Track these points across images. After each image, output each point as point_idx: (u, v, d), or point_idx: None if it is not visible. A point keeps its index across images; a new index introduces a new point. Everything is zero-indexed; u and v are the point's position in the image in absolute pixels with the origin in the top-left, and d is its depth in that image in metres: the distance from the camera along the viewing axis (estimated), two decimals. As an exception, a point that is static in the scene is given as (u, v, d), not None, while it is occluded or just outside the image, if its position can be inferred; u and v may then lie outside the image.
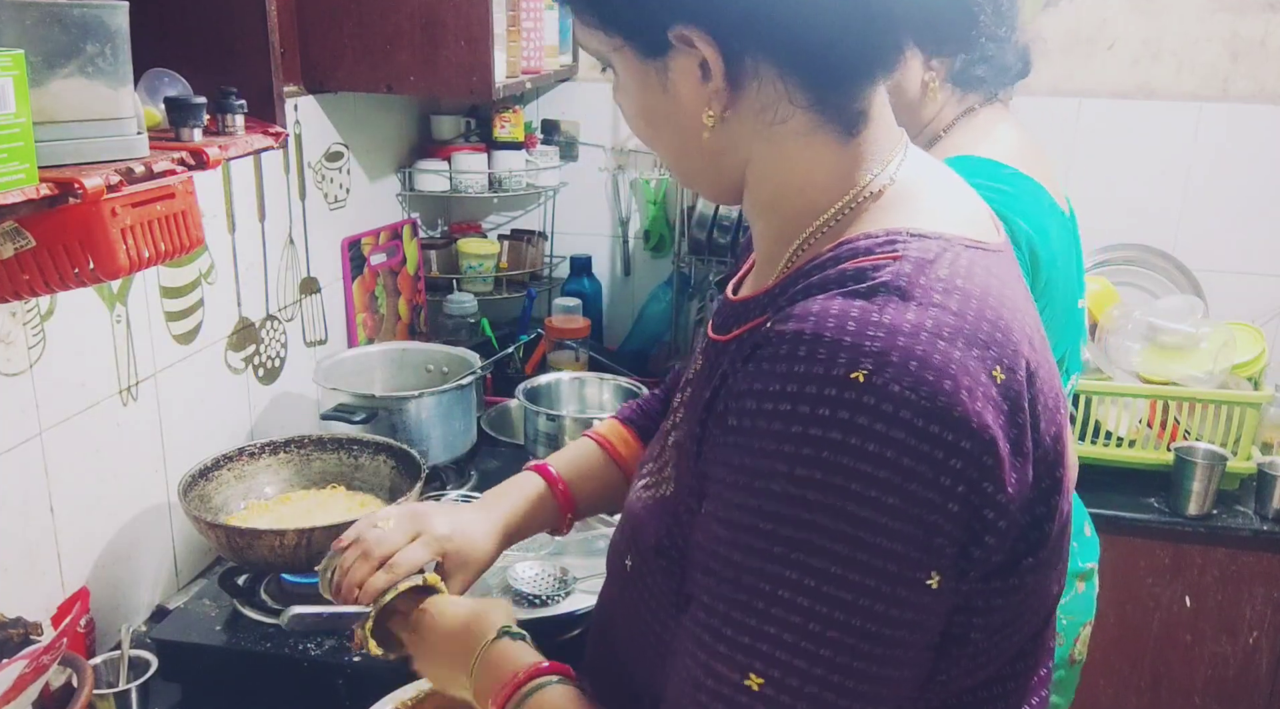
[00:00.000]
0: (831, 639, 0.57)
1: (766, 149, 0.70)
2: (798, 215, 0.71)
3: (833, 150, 0.69)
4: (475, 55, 1.77)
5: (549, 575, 1.38)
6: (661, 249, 2.51)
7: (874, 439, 0.56)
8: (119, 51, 0.92)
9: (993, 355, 0.60)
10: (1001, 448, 0.59)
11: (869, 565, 0.57)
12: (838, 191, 0.69)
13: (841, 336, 0.58)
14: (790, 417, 0.58)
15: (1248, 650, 2.01)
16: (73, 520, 1.32)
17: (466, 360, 1.86)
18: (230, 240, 1.63)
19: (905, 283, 0.61)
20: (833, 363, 0.57)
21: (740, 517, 0.59)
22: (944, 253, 0.64)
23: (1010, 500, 0.60)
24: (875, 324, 0.59)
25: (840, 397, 0.56)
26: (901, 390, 0.56)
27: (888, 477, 0.56)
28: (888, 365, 0.57)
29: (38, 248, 0.97)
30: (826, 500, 0.56)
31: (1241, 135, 2.27)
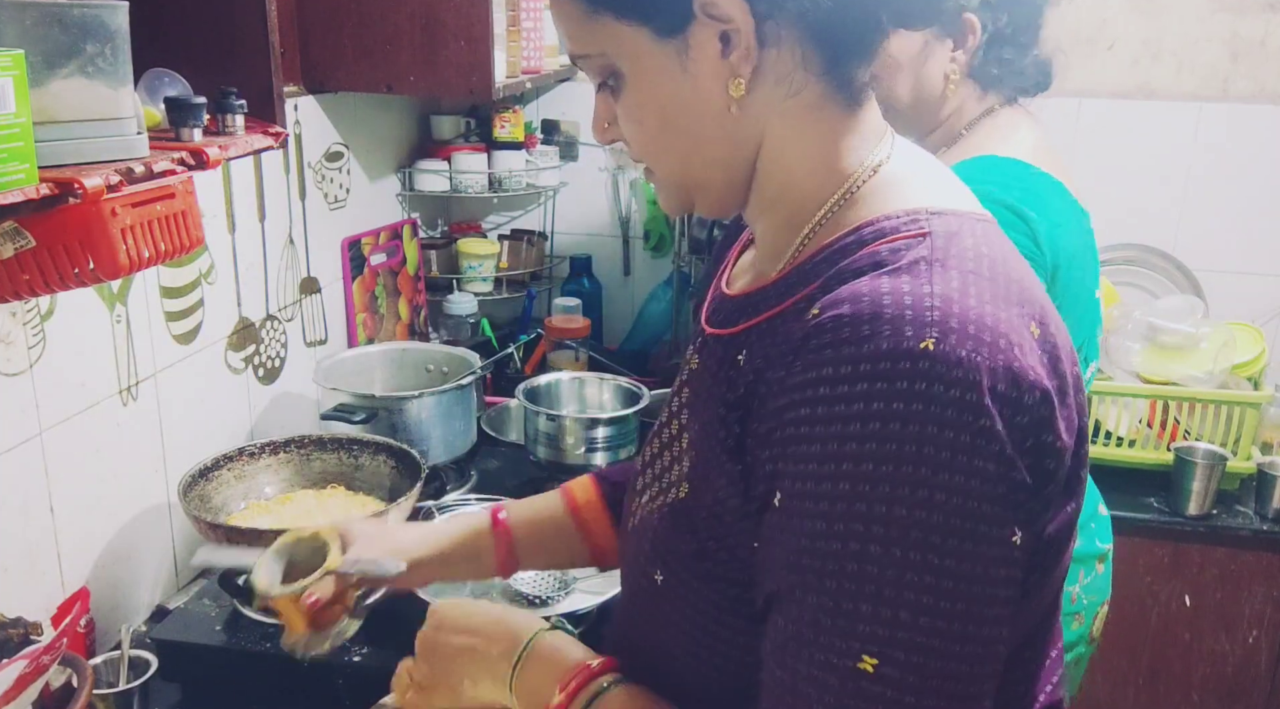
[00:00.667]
0: (935, 607, 0.58)
1: (780, 128, 0.70)
2: (805, 201, 0.71)
3: (840, 124, 0.70)
4: (475, 55, 1.77)
5: (549, 576, 1.38)
6: (661, 249, 2.51)
7: (953, 405, 0.57)
8: (119, 51, 0.92)
9: (1027, 312, 0.63)
10: (1054, 398, 0.61)
11: (964, 531, 0.58)
12: (839, 175, 0.70)
13: (902, 311, 0.59)
14: (869, 395, 0.58)
15: (1247, 649, 2.01)
16: (73, 520, 1.32)
17: (466, 360, 1.86)
18: (230, 240, 1.63)
19: (941, 255, 0.63)
20: (899, 336, 0.58)
21: (838, 505, 0.59)
22: (964, 226, 0.67)
23: (1065, 448, 0.62)
24: (929, 295, 0.60)
25: (915, 368, 0.57)
26: (969, 354, 0.58)
27: (971, 441, 0.57)
28: (950, 332, 0.58)
29: (38, 248, 0.97)
30: (921, 475, 0.57)
31: (1241, 135, 2.27)
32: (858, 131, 0.70)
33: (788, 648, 0.62)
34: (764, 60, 0.67)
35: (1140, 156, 2.32)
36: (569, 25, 0.71)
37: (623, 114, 0.72)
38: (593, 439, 1.68)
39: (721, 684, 0.71)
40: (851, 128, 0.70)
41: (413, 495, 1.41)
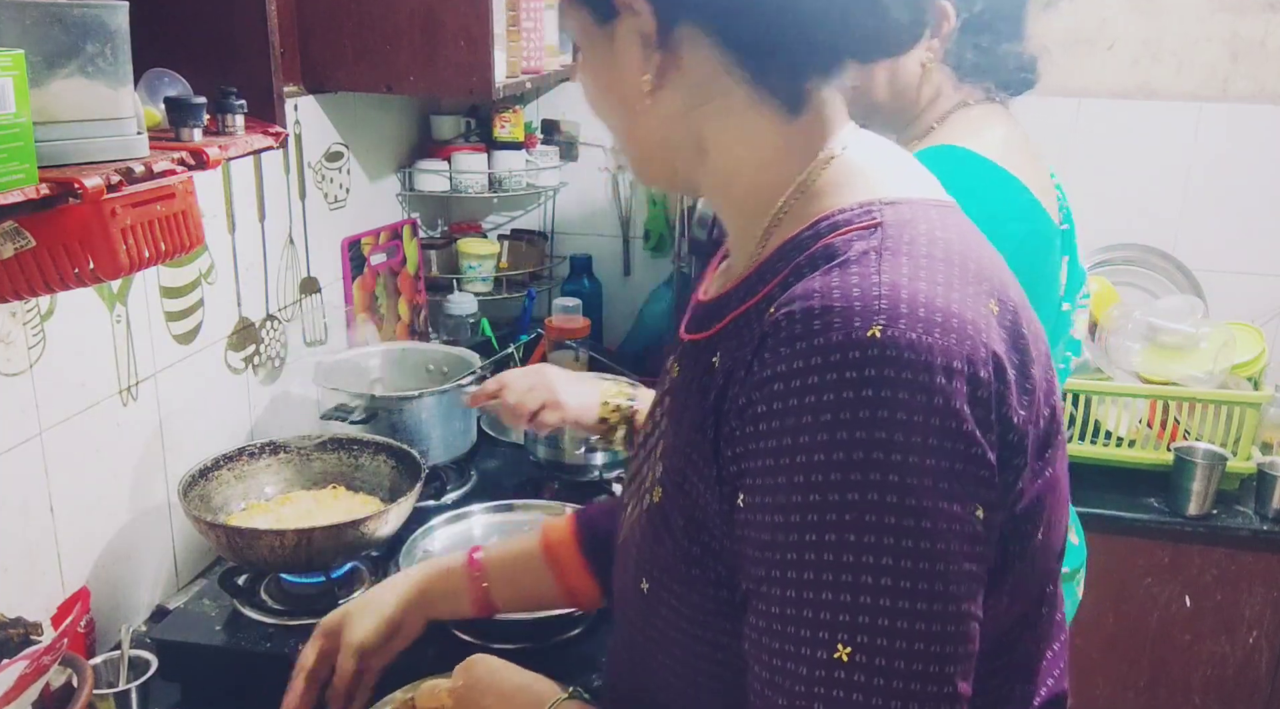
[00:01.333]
0: (905, 589, 0.58)
1: (714, 123, 0.72)
2: (753, 198, 0.72)
3: (775, 128, 0.71)
4: (475, 55, 1.77)
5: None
6: (661, 249, 2.51)
7: (904, 388, 0.58)
8: (119, 51, 0.92)
9: (985, 289, 0.64)
10: (1010, 372, 0.62)
11: (923, 510, 0.58)
12: (789, 170, 0.71)
13: (850, 303, 0.60)
14: (820, 387, 0.59)
15: (1247, 650, 2.01)
16: (73, 520, 1.32)
17: (466, 360, 1.86)
18: (230, 240, 1.63)
19: (892, 244, 0.64)
20: (848, 327, 0.59)
21: (795, 497, 0.60)
22: (919, 212, 0.67)
23: (1028, 420, 0.63)
24: (876, 284, 0.61)
25: (864, 356, 0.58)
26: (918, 336, 0.58)
27: (925, 420, 0.58)
28: (899, 317, 0.59)
29: (38, 248, 0.97)
30: (875, 458, 0.58)
31: (1241, 135, 2.27)
32: (803, 130, 0.71)
33: (762, 643, 0.62)
34: (681, 63, 0.70)
35: (1140, 156, 2.32)
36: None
37: (580, 79, 0.80)
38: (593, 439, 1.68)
39: (713, 691, 0.72)
40: (795, 128, 0.71)
41: (412, 495, 1.41)
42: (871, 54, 0.72)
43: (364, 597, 1.12)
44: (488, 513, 1.53)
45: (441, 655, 1.27)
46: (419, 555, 1.42)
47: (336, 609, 1.12)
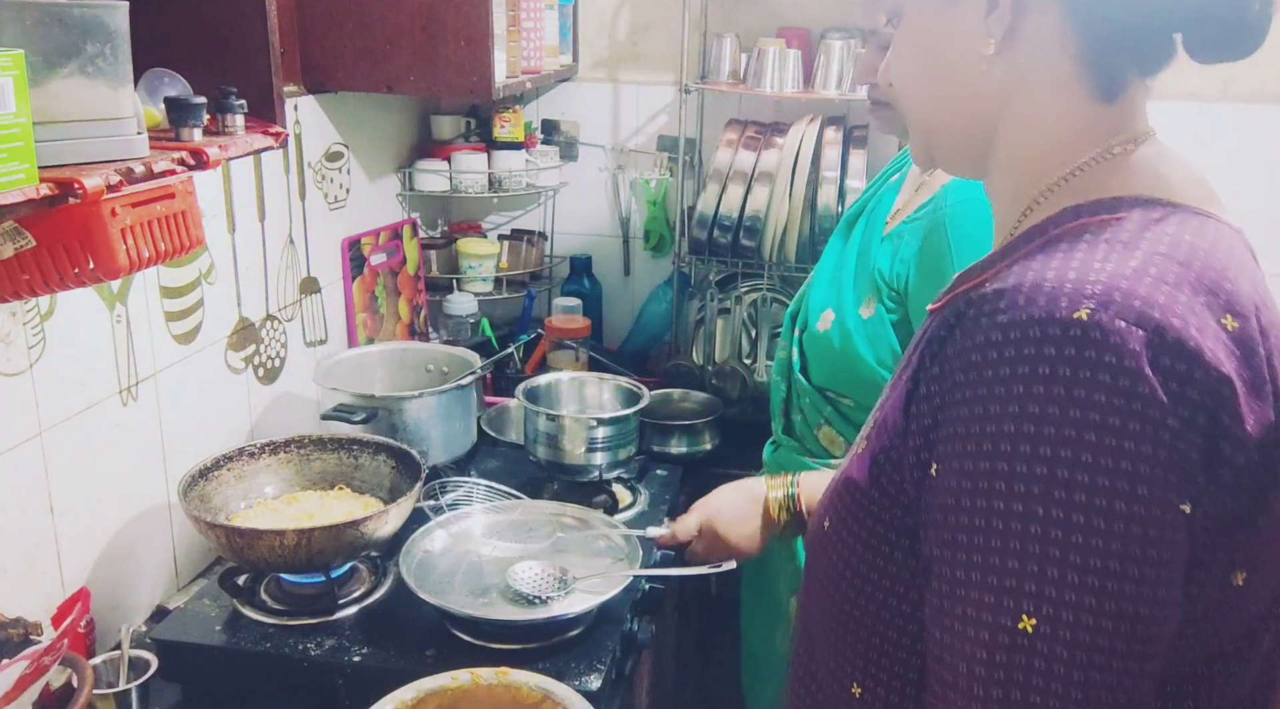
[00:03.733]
0: (1095, 567, 0.57)
1: (1025, 95, 0.71)
2: (1035, 173, 0.71)
3: (1085, 108, 0.70)
4: (475, 55, 1.77)
5: (549, 575, 1.38)
6: (661, 249, 2.51)
7: (1106, 370, 0.57)
8: (119, 51, 0.92)
9: (1221, 303, 0.61)
10: (1237, 384, 0.59)
11: (1122, 492, 0.57)
12: (1079, 152, 0.70)
13: (1062, 283, 0.60)
14: (1018, 360, 0.59)
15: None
16: (73, 520, 1.32)
17: (466, 360, 1.86)
18: (230, 240, 1.63)
19: (1126, 237, 0.63)
20: (1054, 305, 0.58)
21: (987, 465, 0.60)
22: (1171, 215, 0.65)
23: (1248, 437, 0.59)
24: (1097, 270, 0.60)
25: (1066, 334, 0.57)
26: (1128, 325, 0.57)
27: (1125, 405, 0.56)
28: (1111, 304, 0.58)
29: (38, 248, 0.97)
30: (1070, 435, 0.57)
31: (1241, 135, 2.27)
32: (1104, 122, 0.70)
33: (944, 609, 0.62)
34: (1021, 30, 0.69)
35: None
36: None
37: (893, 47, 0.78)
38: (593, 439, 1.68)
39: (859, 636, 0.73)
40: (1098, 117, 0.70)
41: (413, 495, 1.41)
42: (1218, 53, 0.69)
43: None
44: (488, 513, 1.53)
45: (441, 655, 1.27)
46: (419, 555, 1.42)
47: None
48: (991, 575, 0.59)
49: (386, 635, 1.32)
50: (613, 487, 1.75)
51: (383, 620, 1.36)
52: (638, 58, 2.42)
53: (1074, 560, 0.57)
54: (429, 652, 1.29)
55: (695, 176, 2.41)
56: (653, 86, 2.43)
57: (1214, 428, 0.58)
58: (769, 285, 2.26)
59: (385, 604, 1.40)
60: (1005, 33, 0.70)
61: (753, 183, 2.14)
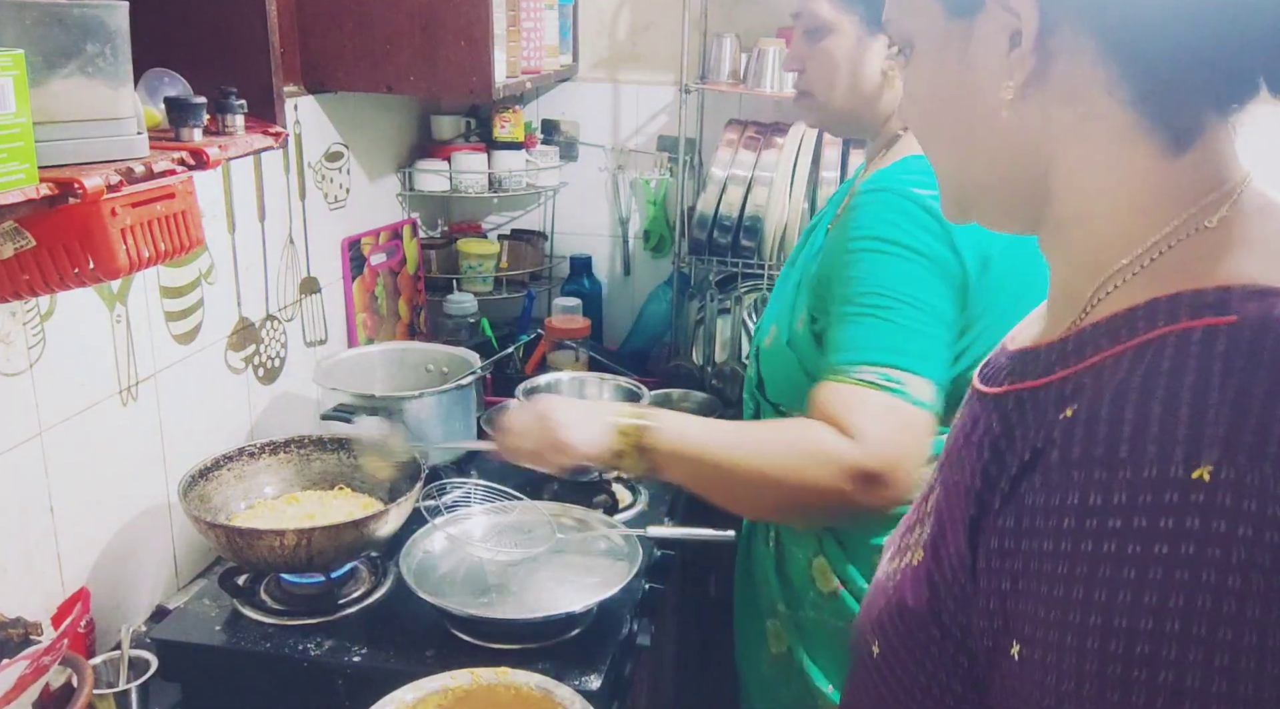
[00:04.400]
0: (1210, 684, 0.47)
1: (1074, 150, 0.60)
2: (1105, 243, 0.60)
3: (1157, 164, 0.58)
4: (475, 55, 1.77)
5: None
6: (661, 249, 2.51)
7: (1237, 546, 0.46)
8: (119, 51, 0.92)
9: None
10: None
11: (1246, 677, 0.47)
12: (1159, 219, 0.58)
13: (1174, 426, 0.49)
14: (1124, 534, 0.48)
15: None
16: (73, 520, 1.32)
17: (466, 360, 1.86)
18: (230, 240, 1.63)
19: (1246, 349, 0.50)
20: (1168, 460, 0.48)
21: (1092, 665, 0.49)
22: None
23: None
24: (1214, 403, 0.49)
25: (1186, 501, 0.47)
26: (1262, 481, 0.46)
27: (1265, 586, 0.46)
28: (1238, 451, 0.47)
29: (38, 248, 0.97)
30: (1197, 632, 0.47)
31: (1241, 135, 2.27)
32: (1184, 173, 0.59)
33: None
34: (1051, 71, 0.59)
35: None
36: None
37: (905, 86, 0.68)
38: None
39: None
40: (1175, 168, 0.59)
41: (413, 495, 1.41)
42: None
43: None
44: (488, 514, 1.53)
45: (441, 655, 1.28)
46: (419, 555, 1.42)
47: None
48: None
49: (386, 635, 1.32)
50: (613, 487, 1.75)
51: (383, 620, 1.36)
52: (638, 58, 2.42)
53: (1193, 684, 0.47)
54: (429, 652, 1.29)
55: (695, 176, 2.41)
56: (653, 86, 2.43)
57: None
58: (769, 285, 2.26)
59: (385, 604, 1.40)
60: (1031, 77, 0.59)
61: (753, 183, 2.14)
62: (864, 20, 1.23)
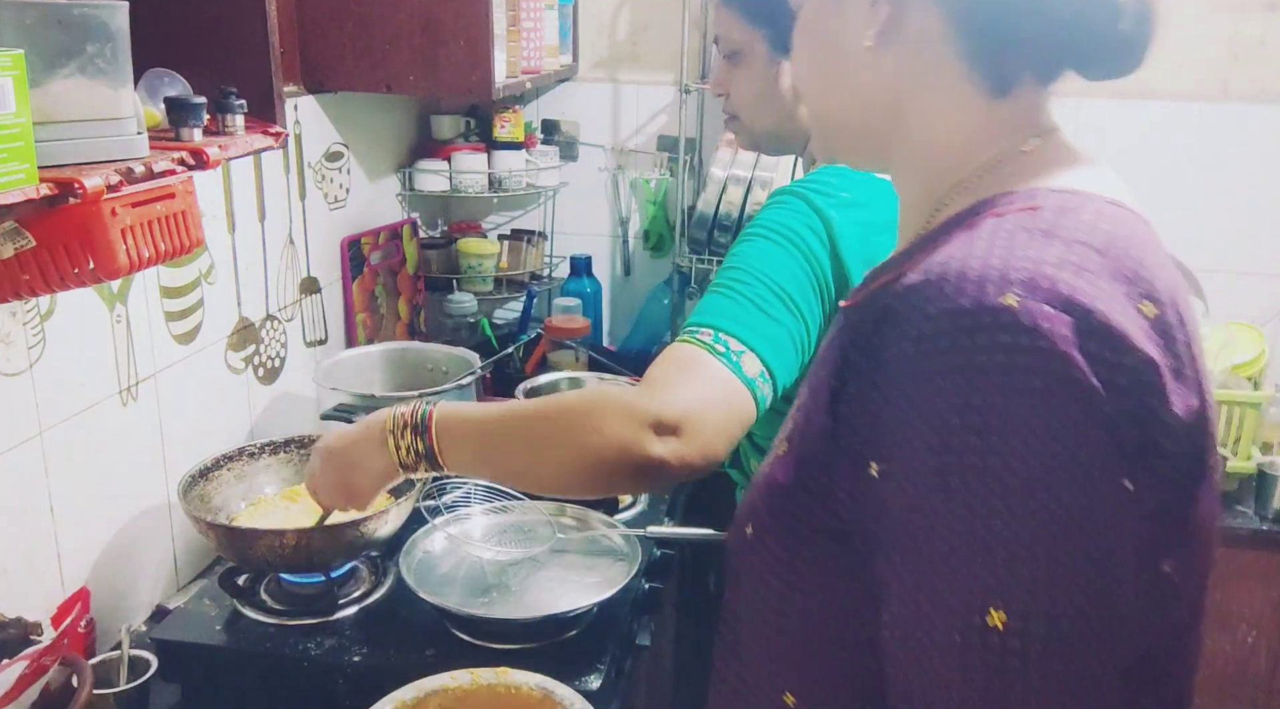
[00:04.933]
0: (1057, 553, 0.56)
1: (917, 95, 0.72)
2: (942, 168, 0.72)
3: (979, 105, 0.71)
4: (475, 55, 1.77)
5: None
6: (661, 249, 2.51)
7: (1039, 355, 0.56)
8: (119, 51, 0.92)
9: (1140, 291, 0.61)
10: (1162, 369, 0.59)
11: (1072, 475, 0.56)
12: (983, 147, 0.71)
13: (987, 270, 0.59)
14: (952, 351, 0.58)
15: (1245, 649, 2.01)
16: (73, 520, 1.32)
17: (466, 360, 1.86)
18: (230, 240, 1.63)
19: (1047, 226, 0.62)
20: (981, 293, 0.58)
21: (931, 461, 0.58)
22: (1087, 203, 0.65)
23: (1178, 421, 0.60)
24: (1020, 257, 0.60)
25: (997, 321, 0.57)
26: (1055, 312, 0.57)
27: (1061, 390, 0.56)
28: (1037, 290, 0.58)
29: (38, 248, 0.97)
30: (1013, 423, 0.56)
31: (1241, 135, 2.27)
32: (1007, 114, 0.71)
33: (906, 622, 0.60)
34: (905, 26, 0.71)
35: (1140, 156, 2.32)
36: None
37: (794, 45, 0.80)
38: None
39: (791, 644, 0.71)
40: (998, 109, 0.71)
41: (413, 495, 1.41)
42: (1095, 66, 0.72)
43: None
44: (488, 514, 1.53)
45: (441, 655, 1.27)
46: (419, 555, 1.42)
47: None
48: (953, 574, 0.58)
49: (386, 635, 1.32)
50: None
51: (383, 620, 1.36)
52: (638, 58, 2.42)
53: (1035, 548, 0.56)
54: (429, 652, 1.29)
55: (695, 176, 2.41)
56: (652, 86, 2.43)
57: (1145, 413, 0.59)
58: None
59: (385, 604, 1.40)
60: (886, 26, 0.71)
61: (752, 183, 2.14)
62: (770, 40, 1.23)
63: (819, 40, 0.77)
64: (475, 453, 1.04)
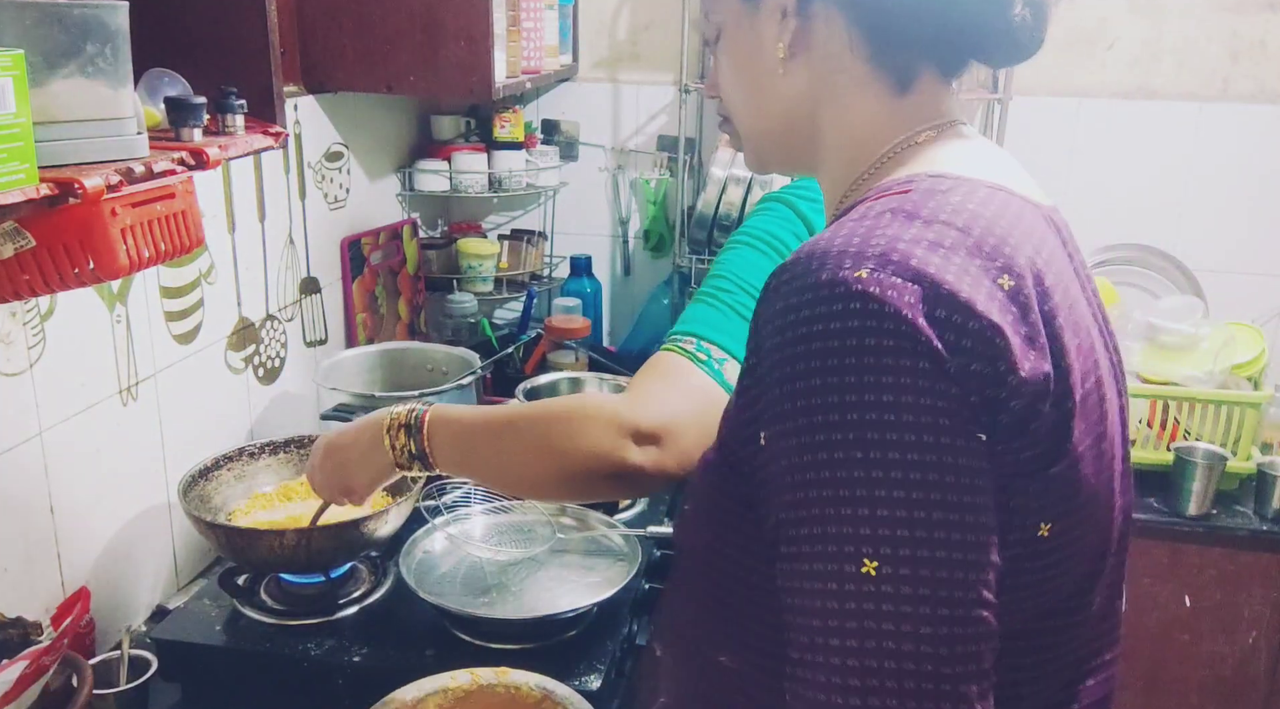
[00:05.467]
0: (920, 500, 0.61)
1: (830, 98, 0.78)
2: (852, 163, 0.78)
3: (885, 102, 0.77)
4: (475, 55, 1.77)
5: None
6: (661, 249, 2.51)
7: (889, 319, 0.61)
8: (119, 51, 0.92)
9: (998, 266, 0.65)
10: (1010, 334, 0.63)
11: (927, 427, 0.61)
12: (886, 140, 0.76)
13: (847, 247, 0.64)
14: (813, 320, 0.63)
15: (1245, 650, 2.01)
16: (73, 520, 1.32)
17: (466, 360, 1.86)
18: (230, 240, 1.63)
19: (911, 206, 0.67)
20: (839, 267, 0.63)
21: (802, 421, 0.63)
22: (959, 186, 0.70)
23: (1024, 383, 0.63)
24: (879, 235, 0.65)
25: (850, 292, 0.62)
26: (904, 281, 0.62)
27: (910, 353, 0.61)
28: (889, 263, 0.62)
29: (38, 248, 0.97)
30: (869, 385, 0.61)
31: (1241, 135, 2.27)
32: (905, 112, 0.77)
33: (794, 574, 0.64)
34: (812, 36, 0.77)
35: (1140, 156, 2.32)
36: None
37: (717, 64, 0.85)
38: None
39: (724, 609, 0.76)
40: (897, 108, 0.76)
41: (413, 496, 1.41)
42: (995, 55, 0.77)
43: None
44: (488, 514, 1.53)
45: (441, 655, 1.27)
46: (419, 555, 1.42)
47: None
48: (830, 527, 0.62)
49: (386, 635, 1.32)
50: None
51: (383, 620, 1.36)
52: (638, 58, 2.42)
53: (899, 498, 0.61)
54: (429, 652, 1.29)
55: (695, 176, 2.41)
56: (653, 86, 2.43)
57: (990, 372, 0.62)
58: (769, 285, 2.26)
59: (385, 604, 1.40)
60: (795, 38, 0.77)
61: (752, 183, 2.14)
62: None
63: (738, 59, 0.82)
64: (461, 456, 1.06)
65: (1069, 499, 0.68)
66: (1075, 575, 0.72)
